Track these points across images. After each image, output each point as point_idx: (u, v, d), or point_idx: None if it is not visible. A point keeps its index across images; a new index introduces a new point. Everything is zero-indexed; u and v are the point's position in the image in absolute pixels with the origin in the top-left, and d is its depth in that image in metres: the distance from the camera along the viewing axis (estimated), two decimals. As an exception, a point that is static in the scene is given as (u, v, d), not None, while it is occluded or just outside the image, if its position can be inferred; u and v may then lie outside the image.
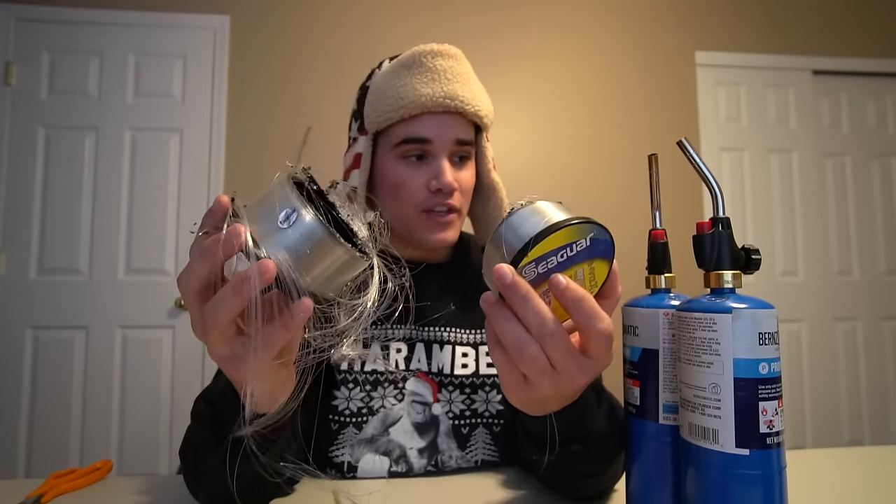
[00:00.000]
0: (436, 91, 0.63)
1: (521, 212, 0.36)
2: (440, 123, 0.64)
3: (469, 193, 0.69)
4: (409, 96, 0.63)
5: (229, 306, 0.32)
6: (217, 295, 0.33)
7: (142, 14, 2.22)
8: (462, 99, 0.63)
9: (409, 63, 0.65)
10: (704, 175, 0.40)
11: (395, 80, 0.65)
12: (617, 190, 2.38)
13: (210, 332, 0.34)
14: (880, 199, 2.62)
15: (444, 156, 0.64)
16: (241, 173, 2.22)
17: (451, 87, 0.63)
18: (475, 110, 0.65)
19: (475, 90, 0.66)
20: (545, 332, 0.34)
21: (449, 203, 0.65)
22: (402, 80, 0.64)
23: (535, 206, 0.36)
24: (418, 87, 0.63)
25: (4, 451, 2.01)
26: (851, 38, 2.62)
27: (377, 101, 0.65)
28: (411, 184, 0.64)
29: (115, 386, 2.08)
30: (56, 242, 2.11)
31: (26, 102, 2.15)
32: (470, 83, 0.66)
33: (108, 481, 0.61)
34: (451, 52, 0.66)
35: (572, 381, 0.37)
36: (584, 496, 0.52)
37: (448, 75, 0.64)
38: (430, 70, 0.64)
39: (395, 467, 0.62)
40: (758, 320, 0.35)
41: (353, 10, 2.33)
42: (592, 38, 2.47)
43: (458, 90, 0.64)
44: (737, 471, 0.35)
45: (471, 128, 0.67)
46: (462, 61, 0.67)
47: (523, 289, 0.34)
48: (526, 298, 0.34)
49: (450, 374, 0.66)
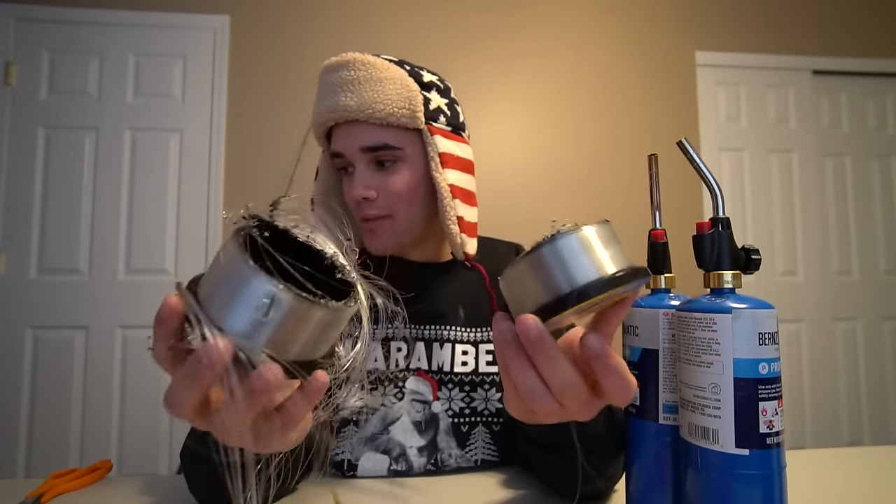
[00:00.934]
0: (320, 107, 0.65)
1: (570, 240, 0.30)
2: (341, 135, 0.65)
3: (400, 197, 0.65)
4: (313, 115, 0.67)
5: (242, 419, 0.29)
6: (224, 415, 0.30)
7: (142, 14, 2.22)
8: (345, 107, 0.62)
9: (318, 83, 0.68)
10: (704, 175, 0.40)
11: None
12: (617, 190, 2.38)
13: (233, 436, 0.31)
14: (880, 199, 2.62)
15: (361, 165, 0.64)
16: (241, 173, 2.22)
17: (334, 98, 0.63)
18: (367, 114, 0.61)
19: (368, 93, 0.62)
20: (566, 391, 0.32)
21: (371, 213, 0.64)
22: (315, 101, 0.68)
23: (585, 238, 0.31)
24: (317, 105, 0.66)
25: (4, 451, 2.01)
26: (851, 38, 2.62)
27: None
28: (347, 197, 0.67)
29: (115, 386, 2.08)
30: (56, 242, 2.11)
31: (26, 102, 2.14)
32: (360, 87, 0.62)
33: (108, 481, 0.61)
34: (342, 62, 0.64)
35: (578, 416, 0.35)
36: (584, 497, 0.52)
37: (334, 87, 0.64)
38: (324, 86, 0.66)
39: (395, 466, 0.63)
40: (758, 320, 0.35)
41: (354, 10, 2.33)
42: (592, 38, 2.47)
43: (341, 100, 0.62)
44: (737, 471, 0.35)
45: (383, 132, 0.63)
46: (355, 66, 0.63)
47: (550, 349, 0.30)
48: (552, 359, 0.31)
49: (450, 371, 0.66)
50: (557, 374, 0.31)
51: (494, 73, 2.35)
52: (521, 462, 0.65)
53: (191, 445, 0.51)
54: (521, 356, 0.32)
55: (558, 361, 0.31)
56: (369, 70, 0.64)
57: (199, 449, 0.49)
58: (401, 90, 0.63)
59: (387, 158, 0.64)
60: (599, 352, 0.31)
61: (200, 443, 0.49)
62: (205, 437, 0.45)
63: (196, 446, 0.50)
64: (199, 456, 0.49)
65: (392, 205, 0.65)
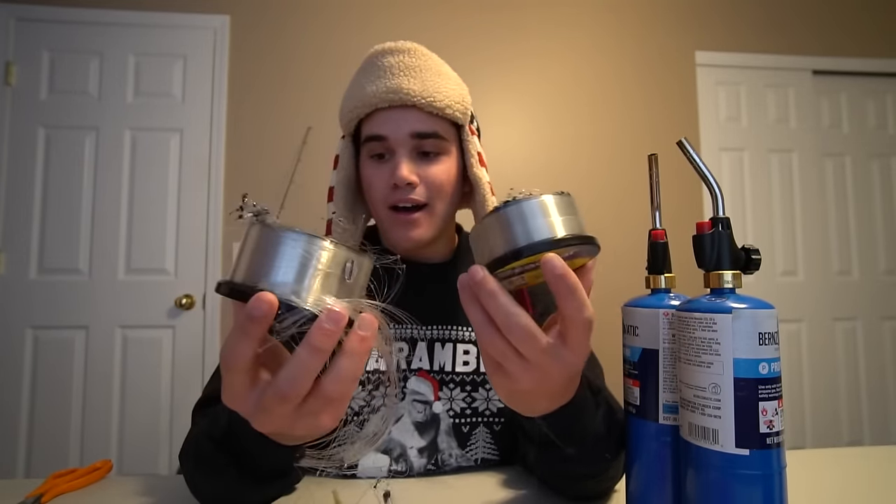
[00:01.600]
0: (379, 87, 0.63)
1: (530, 204, 0.35)
2: (392, 118, 0.63)
3: (442, 189, 0.66)
4: (358, 96, 0.64)
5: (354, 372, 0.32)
6: (342, 366, 0.31)
7: (142, 14, 2.22)
8: (407, 91, 0.62)
9: (364, 65, 0.67)
10: (704, 175, 0.40)
11: (353, 84, 0.67)
12: (617, 190, 2.38)
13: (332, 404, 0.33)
14: (880, 199, 2.62)
15: (404, 151, 0.64)
16: (241, 173, 2.22)
17: (395, 81, 0.63)
18: (427, 101, 0.63)
19: (430, 82, 0.64)
20: (514, 330, 0.34)
21: (411, 198, 0.64)
22: (358, 82, 0.66)
23: (542, 203, 0.35)
24: (366, 86, 0.64)
25: (4, 451, 2.01)
26: (851, 38, 2.62)
27: (343, 104, 0.68)
28: (376, 181, 0.65)
29: (115, 386, 2.08)
30: (56, 242, 2.11)
31: (26, 102, 2.14)
32: (423, 75, 0.64)
33: (108, 481, 0.61)
34: (402, 48, 0.65)
35: (549, 374, 0.36)
36: (584, 497, 0.52)
37: (395, 70, 0.63)
38: (378, 68, 0.64)
39: (395, 466, 0.63)
40: (758, 320, 0.35)
41: (354, 10, 2.33)
42: (592, 39, 2.47)
43: (403, 83, 0.62)
44: (737, 471, 0.35)
45: (435, 121, 0.65)
46: (416, 55, 0.65)
47: (492, 287, 0.34)
48: (493, 295, 0.34)
49: (451, 371, 0.66)
50: (499, 310, 0.34)
51: (494, 73, 2.35)
52: (522, 462, 0.65)
53: (206, 452, 0.47)
54: (474, 302, 0.35)
55: (499, 297, 0.34)
56: (429, 61, 0.66)
57: (217, 456, 0.45)
58: (456, 87, 0.66)
59: (432, 149, 0.65)
60: (557, 271, 0.33)
61: (222, 448, 0.45)
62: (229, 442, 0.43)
63: (215, 453, 0.45)
64: (215, 464, 0.46)
65: (431, 195, 0.65)
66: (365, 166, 0.67)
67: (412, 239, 0.65)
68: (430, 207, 0.65)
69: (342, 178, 0.68)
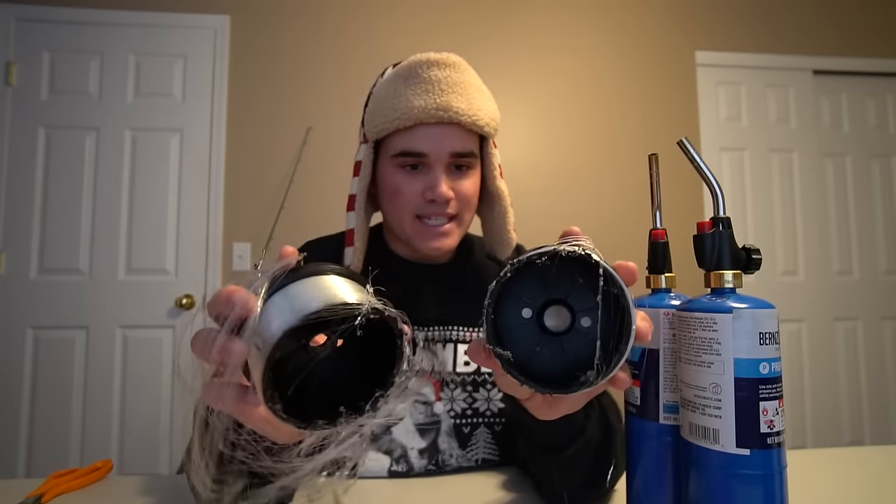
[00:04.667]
0: (429, 103, 0.62)
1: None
2: (435, 136, 0.63)
3: (470, 201, 0.68)
4: (402, 108, 0.62)
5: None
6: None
7: (142, 14, 2.22)
8: (456, 110, 0.62)
9: (405, 73, 0.64)
10: (705, 175, 0.40)
11: (392, 90, 0.65)
12: (617, 190, 2.38)
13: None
14: (880, 199, 2.61)
15: (441, 167, 0.64)
16: (241, 173, 2.22)
17: (444, 98, 0.62)
18: (472, 120, 0.63)
19: (474, 99, 0.64)
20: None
21: (446, 213, 0.65)
22: (398, 91, 0.64)
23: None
24: (412, 99, 0.62)
25: (4, 451, 2.01)
26: (851, 38, 2.62)
27: (375, 110, 0.66)
28: (407, 191, 0.65)
29: (115, 386, 2.08)
30: (56, 242, 2.11)
31: (26, 102, 2.14)
32: (468, 92, 0.64)
33: (108, 481, 0.61)
34: (448, 61, 0.64)
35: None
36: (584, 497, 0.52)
37: (443, 86, 0.63)
38: (424, 81, 0.63)
39: (396, 467, 0.63)
40: (758, 320, 0.35)
41: (354, 10, 2.33)
42: (591, 40, 2.47)
43: (453, 101, 0.62)
44: (737, 471, 0.35)
45: (471, 137, 0.66)
46: (461, 69, 0.65)
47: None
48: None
49: (451, 371, 0.66)
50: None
51: (494, 73, 2.35)
52: (521, 464, 0.65)
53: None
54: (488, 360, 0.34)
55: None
56: (470, 76, 0.66)
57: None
58: (490, 102, 0.67)
59: (466, 164, 0.66)
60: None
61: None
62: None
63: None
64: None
65: (461, 207, 0.67)
66: (392, 174, 0.66)
67: (442, 249, 0.67)
68: (458, 218, 0.67)
69: (364, 186, 0.68)
